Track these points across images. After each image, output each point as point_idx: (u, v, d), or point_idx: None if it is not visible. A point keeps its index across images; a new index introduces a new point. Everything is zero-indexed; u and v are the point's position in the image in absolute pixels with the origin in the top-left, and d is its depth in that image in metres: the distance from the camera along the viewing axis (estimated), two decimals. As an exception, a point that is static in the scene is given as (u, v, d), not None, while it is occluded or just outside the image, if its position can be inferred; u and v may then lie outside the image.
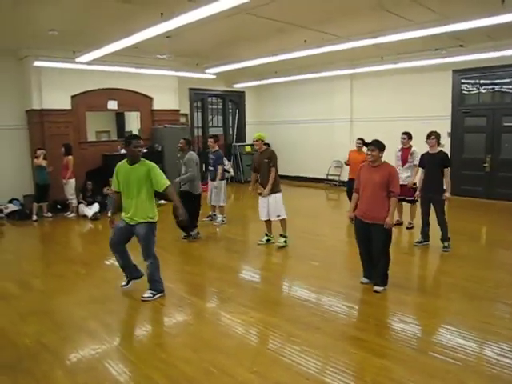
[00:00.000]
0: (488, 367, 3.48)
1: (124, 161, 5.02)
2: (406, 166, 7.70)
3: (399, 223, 8.10)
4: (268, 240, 7.19)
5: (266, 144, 7.11)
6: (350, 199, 9.30)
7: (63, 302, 5.09)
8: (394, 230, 7.67)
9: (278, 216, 6.90)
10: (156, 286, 5.07)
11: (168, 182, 4.99)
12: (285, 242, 6.99)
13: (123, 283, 5.32)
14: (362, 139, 8.76)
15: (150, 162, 5.00)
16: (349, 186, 9.22)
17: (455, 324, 4.26)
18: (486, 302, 4.81)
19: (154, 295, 5.02)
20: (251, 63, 9.77)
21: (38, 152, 9.35)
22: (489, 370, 3.44)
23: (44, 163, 9.35)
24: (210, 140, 8.72)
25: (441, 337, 4.05)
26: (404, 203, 7.95)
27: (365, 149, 6.40)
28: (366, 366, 3.56)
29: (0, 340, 4.16)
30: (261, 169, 6.91)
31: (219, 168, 8.44)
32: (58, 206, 10.02)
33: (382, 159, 5.09)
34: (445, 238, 6.61)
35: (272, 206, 6.84)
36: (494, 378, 3.33)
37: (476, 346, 3.86)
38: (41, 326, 4.40)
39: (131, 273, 5.28)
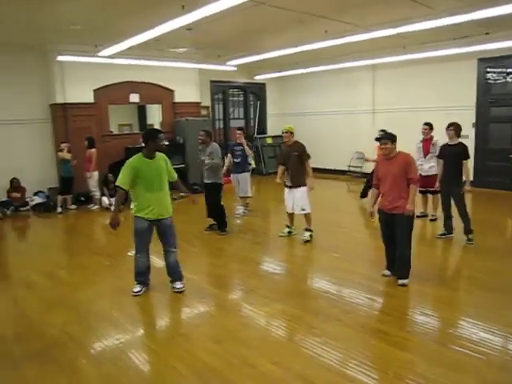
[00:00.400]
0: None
1: (139, 156, 4.83)
2: (429, 156, 7.59)
3: (424, 215, 7.98)
4: (290, 232, 7.18)
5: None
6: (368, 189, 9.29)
7: (88, 292, 5.19)
8: (418, 222, 7.65)
9: (303, 210, 6.83)
10: (182, 274, 5.15)
11: None
12: (310, 236, 6.92)
13: (137, 289, 5.01)
14: (384, 130, 8.66)
15: (161, 153, 5.01)
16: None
17: (478, 317, 4.20)
18: (509, 296, 4.73)
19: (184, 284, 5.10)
20: (272, 55, 9.75)
21: (62, 145, 9.50)
22: (513, 364, 3.41)
23: (68, 156, 9.50)
24: (238, 132, 8.73)
25: (463, 330, 4.01)
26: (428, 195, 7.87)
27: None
28: (388, 359, 3.55)
29: (27, 329, 4.27)
30: (289, 162, 6.77)
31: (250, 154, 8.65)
32: (82, 199, 10.18)
33: (402, 149, 5.04)
34: (468, 231, 6.51)
35: (297, 199, 6.78)
36: (519, 372, 3.30)
37: (499, 340, 3.80)
38: (66, 316, 4.50)
39: (147, 277, 5.18)
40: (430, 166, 7.52)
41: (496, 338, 3.82)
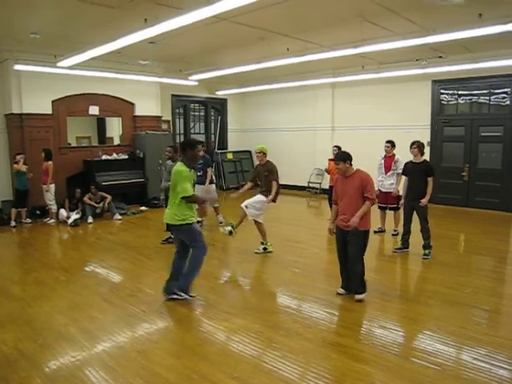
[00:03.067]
0: (465, 371, 3.54)
1: (183, 165, 4.93)
2: (390, 173, 7.79)
3: (381, 231, 8.17)
4: (231, 230, 7.15)
5: (247, 152, 7.17)
6: (330, 206, 9.47)
7: (43, 308, 5.01)
8: (377, 237, 7.82)
9: (251, 216, 6.90)
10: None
11: None
12: (264, 249, 7.03)
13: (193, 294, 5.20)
14: (338, 146, 8.95)
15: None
16: (329, 194, 9.38)
17: (434, 330, 4.32)
18: (464, 308, 4.89)
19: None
20: (234, 70, 9.83)
21: (18, 157, 9.21)
22: (466, 374, 3.51)
23: (24, 168, 9.22)
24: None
25: (420, 342, 4.11)
26: (388, 211, 8.07)
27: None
28: (347, 372, 3.59)
29: (-23, 347, 4.08)
30: (261, 180, 7.02)
31: (208, 170, 8.59)
32: (38, 212, 9.89)
33: (361, 166, 5.11)
34: (426, 246, 6.70)
35: (254, 201, 6.90)
36: (472, 382, 3.39)
37: (454, 351, 3.92)
38: (19, 333, 4.33)
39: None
40: (390, 183, 7.72)
41: (451, 349, 3.93)
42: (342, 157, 5.02)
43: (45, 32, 7.56)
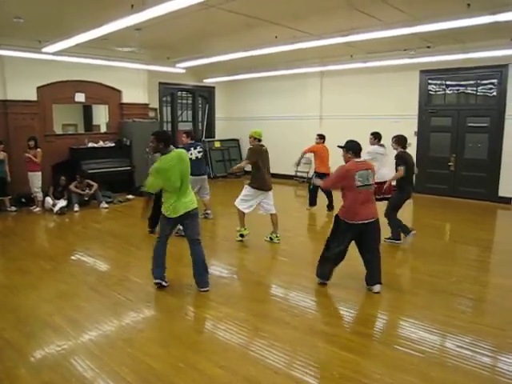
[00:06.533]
0: (450, 359, 3.59)
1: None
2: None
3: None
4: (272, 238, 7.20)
5: (235, 140, 7.10)
6: (310, 194, 9.61)
7: (28, 297, 4.96)
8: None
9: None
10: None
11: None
12: (240, 235, 7.07)
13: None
14: (320, 135, 9.18)
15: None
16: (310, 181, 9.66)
17: (420, 318, 4.37)
18: (449, 297, 4.94)
19: None
20: (222, 58, 9.74)
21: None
22: (450, 361, 3.56)
23: (2, 156, 9.03)
24: (183, 135, 8.65)
25: (406, 330, 4.15)
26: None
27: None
28: (333, 360, 3.62)
29: (-39, 336, 4.04)
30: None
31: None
32: (23, 200, 9.76)
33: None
34: (392, 233, 6.86)
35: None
36: (455, 369, 3.44)
37: (438, 339, 3.97)
38: (3, 322, 4.29)
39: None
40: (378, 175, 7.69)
41: (435, 337, 3.98)
42: (345, 144, 5.01)
43: (29, 17, 7.39)
